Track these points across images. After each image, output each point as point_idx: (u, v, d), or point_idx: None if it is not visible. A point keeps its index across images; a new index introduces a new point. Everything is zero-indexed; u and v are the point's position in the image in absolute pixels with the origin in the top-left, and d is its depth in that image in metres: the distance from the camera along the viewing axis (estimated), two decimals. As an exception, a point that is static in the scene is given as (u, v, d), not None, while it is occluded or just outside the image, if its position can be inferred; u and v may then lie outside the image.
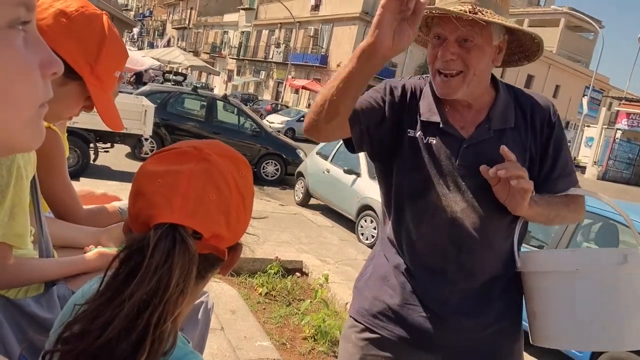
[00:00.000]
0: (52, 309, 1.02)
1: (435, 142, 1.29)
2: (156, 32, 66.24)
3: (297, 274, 4.35)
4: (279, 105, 27.11)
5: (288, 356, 3.07)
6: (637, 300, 1.22)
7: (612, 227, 4.23)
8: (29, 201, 0.98)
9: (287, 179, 10.22)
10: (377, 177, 1.45)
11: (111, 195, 1.60)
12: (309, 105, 29.83)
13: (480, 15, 1.14)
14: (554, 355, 4.08)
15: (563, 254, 1.73)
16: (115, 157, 8.71)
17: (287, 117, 21.47)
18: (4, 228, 0.90)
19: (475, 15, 1.14)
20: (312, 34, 34.45)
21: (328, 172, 8.05)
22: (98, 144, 7.47)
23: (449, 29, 1.19)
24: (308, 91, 32.10)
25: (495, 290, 1.33)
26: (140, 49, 46.29)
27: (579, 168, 25.37)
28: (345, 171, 7.63)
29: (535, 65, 37.03)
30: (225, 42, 47.95)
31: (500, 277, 1.33)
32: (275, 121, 20.10)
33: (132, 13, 67.62)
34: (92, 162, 7.41)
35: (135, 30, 59.15)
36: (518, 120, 1.32)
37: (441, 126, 1.29)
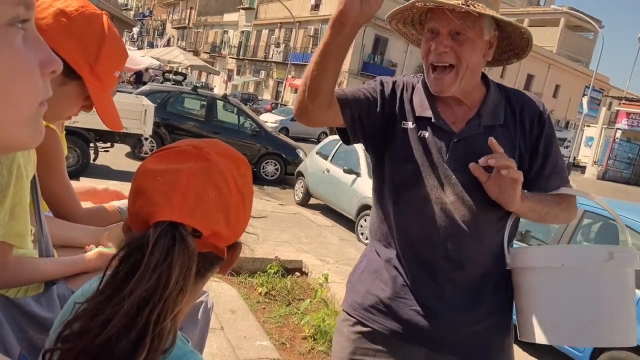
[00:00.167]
0: (52, 308, 1.02)
1: (427, 135, 1.32)
2: (156, 31, 66.20)
3: (297, 273, 4.35)
4: (279, 105, 27.04)
5: (288, 356, 3.07)
6: (623, 298, 1.23)
7: (611, 227, 4.24)
8: (29, 201, 0.98)
9: (287, 179, 10.23)
10: (372, 171, 1.47)
11: (113, 191, 1.60)
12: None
13: (473, 7, 1.18)
14: (554, 355, 4.08)
15: (550, 250, 1.74)
16: (115, 156, 8.71)
17: (281, 117, 21.31)
18: (4, 227, 0.90)
19: (467, 7, 1.17)
20: (312, 34, 34.44)
21: (328, 172, 8.06)
22: (98, 144, 7.47)
23: (442, 22, 1.23)
24: (308, 91, 32.00)
25: (488, 285, 1.34)
26: (140, 48, 46.34)
27: (579, 168, 25.37)
28: (345, 171, 7.64)
29: (535, 65, 37.12)
30: (225, 41, 47.89)
31: (492, 273, 1.34)
32: (269, 120, 19.82)
33: (132, 13, 67.54)
34: (92, 161, 7.42)
35: (135, 29, 59.13)
36: (507, 118, 1.34)
37: (433, 121, 1.32)
